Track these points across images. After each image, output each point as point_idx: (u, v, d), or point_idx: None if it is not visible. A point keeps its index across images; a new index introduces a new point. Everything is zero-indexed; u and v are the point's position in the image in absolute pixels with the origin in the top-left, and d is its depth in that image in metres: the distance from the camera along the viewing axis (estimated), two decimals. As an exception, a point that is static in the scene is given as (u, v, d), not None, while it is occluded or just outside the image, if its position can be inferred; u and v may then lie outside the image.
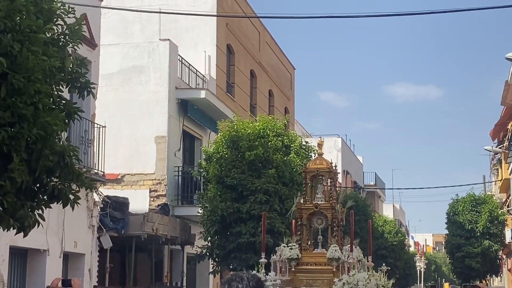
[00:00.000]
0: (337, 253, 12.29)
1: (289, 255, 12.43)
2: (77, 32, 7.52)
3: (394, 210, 68.04)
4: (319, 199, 12.96)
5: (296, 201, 13.04)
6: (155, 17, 23.71)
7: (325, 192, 13.02)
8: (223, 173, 18.15)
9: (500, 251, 38.72)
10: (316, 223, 13.02)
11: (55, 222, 14.36)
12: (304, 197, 13.08)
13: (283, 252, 12.48)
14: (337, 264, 12.32)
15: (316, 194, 13.06)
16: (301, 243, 12.78)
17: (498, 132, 40.27)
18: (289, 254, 12.43)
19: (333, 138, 45.97)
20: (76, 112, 7.48)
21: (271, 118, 19.65)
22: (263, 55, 31.21)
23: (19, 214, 6.75)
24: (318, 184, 13.12)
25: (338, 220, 12.85)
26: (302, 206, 12.91)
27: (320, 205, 12.81)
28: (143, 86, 21.49)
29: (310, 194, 13.07)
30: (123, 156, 20.99)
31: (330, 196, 12.93)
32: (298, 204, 12.93)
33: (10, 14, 6.46)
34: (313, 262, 12.67)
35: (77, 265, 16.05)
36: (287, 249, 12.49)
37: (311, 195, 13.07)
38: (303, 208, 12.89)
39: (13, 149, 6.43)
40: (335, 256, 12.28)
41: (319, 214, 12.91)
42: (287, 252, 12.45)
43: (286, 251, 12.47)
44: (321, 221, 12.95)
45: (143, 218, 17.65)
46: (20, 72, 6.39)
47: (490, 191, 48.28)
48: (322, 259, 12.59)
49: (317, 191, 13.07)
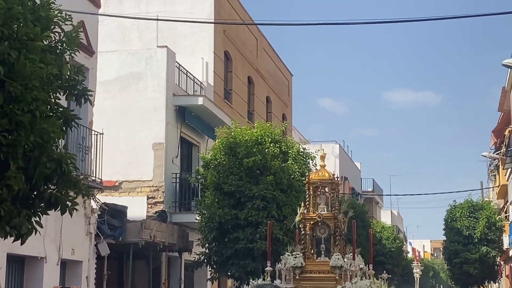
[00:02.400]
0: (339, 261, 12.83)
1: (294, 264, 12.97)
2: (75, 40, 7.52)
3: (392, 216, 68.04)
4: (322, 209, 13.53)
5: (300, 211, 13.54)
6: (153, 24, 23.75)
7: (328, 202, 13.60)
8: (221, 179, 18.15)
9: (498, 257, 38.71)
10: (319, 233, 13.58)
11: (52, 229, 14.34)
12: (307, 207, 13.63)
13: (288, 261, 13.03)
14: (340, 272, 12.87)
15: (319, 205, 13.63)
16: (305, 251, 13.34)
17: (496, 138, 40.32)
18: (294, 262, 12.98)
19: (331, 145, 46.02)
20: (74, 119, 7.47)
21: (269, 125, 19.67)
22: (260, 62, 31.25)
23: (16, 221, 6.74)
24: (321, 194, 13.72)
25: (340, 229, 13.44)
26: (306, 216, 13.49)
27: (323, 215, 13.39)
28: (140, 93, 21.49)
29: (313, 204, 13.64)
30: (120, 163, 20.98)
31: (332, 206, 13.53)
32: (302, 214, 13.48)
33: (7, 22, 6.46)
34: (316, 270, 13.24)
35: (75, 272, 16.03)
36: (292, 258, 13.04)
37: (314, 205, 13.63)
38: (307, 218, 13.48)
39: (10, 156, 6.42)
40: (338, 264, 12.83)
41: (322, 224, 13.48)
42: (292, 261, 13.00)
43: (291, 259, 13.02)
44: (324, 230, 13.53)
45: (141, 225, 17.63)
46: (18, 79, 6.39)
47: (488, 197, 48.28)
48: (325, 267, 13.14)
49: (320, 202, 13.64)
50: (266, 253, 17.46)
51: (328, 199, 13.60)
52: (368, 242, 15.63)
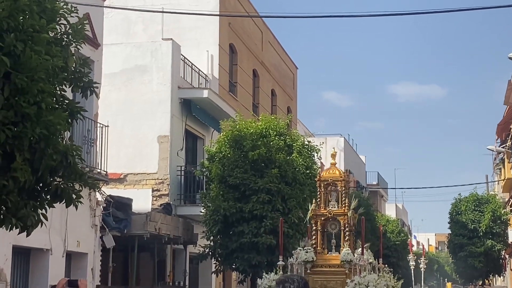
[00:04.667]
0: (349, 256, 13.42)
1: (305, 258, 13.60)
2: (80, 32, 7.51)
3: (396, 210, 67.97)
4: (333, 205, 14.19)
5: (311, 208, 14.17)
6: (158, 16, 23.71)
7: (338, 199, 14.25)
8: (226, 172, 18.15)
9: (503, 250, 38.68)
10: (330, 228, 14.25)
11: (58, 221, 14.37)
12: (319, 204, 14.26)
13: (299, 255, 13.66)
14: (350, 266, 13.44)
15: (329, 201, 14.27)
16: (316, 246, 13.97)
17: (501, 132, 40.21)
18: (305, 257, 13.60)
19: (336, 138, 46.00)
20: (79, 111, 7.48)
21: (273, 118, 19.64)
22: (265, 55, 31.21)
23: (22, 213, 6.75)
24: (332, 191, 14.37)
25: (350, 225, 14.03)
26: (317, 213, 14.14)
27: (333, 211, 14.05)
28: (145, 86, 21.49)
29: (324, 201, 14.27)
30: (125, 155, 21.00)
31: (342, 203, 14.15)
32: (313, 210, 14.13)
33: (13, 14, 6.46)
34: (327, 265, 13.86)
35: (80, 264, 16.07)
36: (303, 252, 13.66)
37: (325, 202, 14.27)
38: (318, 214, 14.13)
39: (16, 148, 6.43)
40: (347, 259, 13.41)
41: (332, 220, 14.15)
42: (303, 255, 13.62)
43: (302, 254, 13.65)
44: (335, 226, 14.19)
45: (146, 217, 17.65)
46: (23, 71, 6.39)
47: (493, 191, 48.21)
48: (335, 262, 13.76)
49: (331, 198, 14.30)
50: (271, 247, 17.58)
51: (339, 196, 14.21)
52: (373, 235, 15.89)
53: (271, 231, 17.52)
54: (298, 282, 4.34)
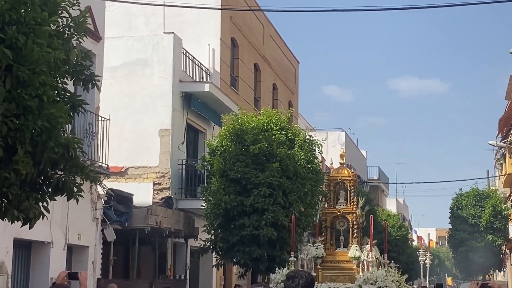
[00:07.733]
0: (357, 252, 14.12)
1: (315, 254, 14.32)
2: (82, 25, 7.51)
3: (397, 204, 68.02)
4: (341, 204, 14.93)
5: (321, 206, 15.16)
6: (160, 10, 23.68)
7: (347, 198, 14.94)
8: (227, 166, 18.15)
9: (504, 245, 38.73)
10: (339, 225, 14.97)
11: (59, 214, 14.38)
12: (328, 202, 15.03)
13: (309, 251, 14.39)
14: (358, 262, 14.10)
15: (338, 200, 15.02)
16: (325, 243, 14.70)
17: (502, 127, 40.19)
18: (315, 253, 14.31)
19: (337, 132, 46.02)
20: (81, 104, 7.48)
21: (275, 112, 19.63)
22: (267, 49, 31.17)
23: (24, 206, 6.76)
24: (340, 190, 15.09)
25: (358, 222, 14.76)
26: (327, 211, 14.92)
27: (342, 209, 14.79)
28: (147, 79, 21.48)
29: (333, 199, 15.00)
30: (127, 149, 21.01)
31: (351, 201, 14.84)
32: (323, 208, 15.03)
33: (15, 6, 6.46)
34: (336, 260, 14.61)
35: (81, 257, 16.10)
36: (313, 248, 14.38)
37: (334, 200, 15.00)
38: (327, 212, 14.89)
39: (18, 141, 6.44)
40: (356, 255, 14.11)
41: (341, 218, 14.85)
42: (313, 251, 14.34)
43: (312, 250, 14.37)
44: (343, 223, 14.89)
45: (147, 211, 17.67)
46: (25, 64, 6.39)
47: (494, 186, 48.25)
48: (344, 258, 14.47)
49: (340, 197, 15.03)
50: (272, 240, 17.59)
51: (347, 195, 14.84)
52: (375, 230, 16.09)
53: (272, 224, 17.53)
54: (306, 277, 4.78)
